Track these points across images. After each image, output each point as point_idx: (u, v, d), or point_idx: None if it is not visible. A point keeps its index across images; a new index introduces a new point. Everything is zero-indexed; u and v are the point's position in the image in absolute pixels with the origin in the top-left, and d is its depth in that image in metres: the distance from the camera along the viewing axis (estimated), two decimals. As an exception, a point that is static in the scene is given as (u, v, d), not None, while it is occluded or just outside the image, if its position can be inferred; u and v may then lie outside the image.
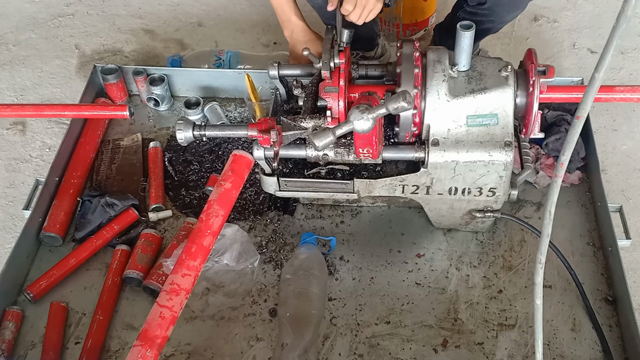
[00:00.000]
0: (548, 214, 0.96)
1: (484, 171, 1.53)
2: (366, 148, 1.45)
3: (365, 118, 1.28)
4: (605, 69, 0.80)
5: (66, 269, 1.69)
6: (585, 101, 0.83)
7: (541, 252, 1.01)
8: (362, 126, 1.29)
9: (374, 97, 1.36)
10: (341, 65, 1.51)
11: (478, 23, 1.87)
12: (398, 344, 1.57)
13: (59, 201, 1.80)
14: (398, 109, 1.26)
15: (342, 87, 1.49)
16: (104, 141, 2.02)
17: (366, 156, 1.50)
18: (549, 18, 2.45)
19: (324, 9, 1.85)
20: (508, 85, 1.50)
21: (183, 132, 1.52)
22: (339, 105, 1.48)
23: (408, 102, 1.25)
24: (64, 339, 1.59)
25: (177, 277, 1.41)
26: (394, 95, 1.27)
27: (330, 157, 1.56)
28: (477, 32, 1.93)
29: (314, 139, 1.32)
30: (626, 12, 0.72)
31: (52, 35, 2.48)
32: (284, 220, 1.81)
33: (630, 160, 1.96)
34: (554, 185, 0.94)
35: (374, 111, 1.28)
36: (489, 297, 1.64)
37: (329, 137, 1.32)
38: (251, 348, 1.56)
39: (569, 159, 1.83)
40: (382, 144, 1.52)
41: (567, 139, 0.89)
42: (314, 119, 1.54)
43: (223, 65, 2.18)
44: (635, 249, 1.73)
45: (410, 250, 1.74)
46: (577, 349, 1.54)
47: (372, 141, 1.42)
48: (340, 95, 1.49)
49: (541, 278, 1.05)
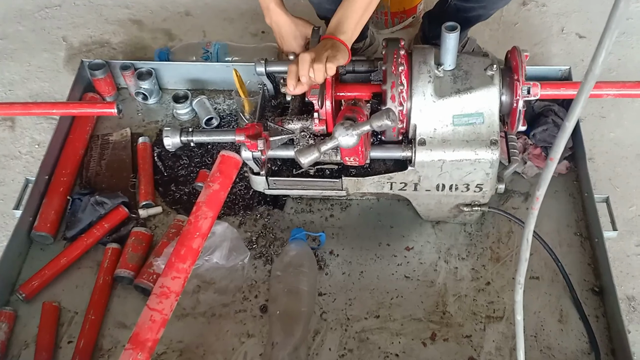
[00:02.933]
0: (525, 241, 0.97)
1: (471, 169, 1.53)
2: (352, 157, 1.47)
3: (350, 134, 1.30)
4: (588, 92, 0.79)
5: (57, 268, 1.70)
6: (560, 141, 0.83)
7: (520, 273, 1.02)
8: (347, 142, 1.31)
9: (359, 107, 1.37)
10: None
11: (469, 10, 1.87)
12: (387, 338, 1.59)
13: (49, 200, 1.81)
14: (382, 127, 1.28)
15: (329, 89, 1.49)
16: (93, 136, 2.02)
17: (353, 163, 1.52)
18: (538, 2, 2.44)
19: (322, 3, 1.84)
20: (493, 84, 1.50)
21: (170, 138, 1.53)
22: (326, 107, 1.48)
23: (392, 120, 1.27)
24: (57, 339, 1.60)
25: (166, 279, 1.42)
26: (379, 112, 1.29)
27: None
28: (468, 19, 1.93)
29: (299, 156, 1.34)
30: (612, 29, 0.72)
31: (39, 27, 2.46)
32: (274, 215, 1.82)
33: (618, 148, 1.96)
34: (529, 220, 0.95)
35: (358, 127, 1.29)
36: (477, 290, 1.66)
37: (314, 154, 1.33)
38: (242, 344, 1.58)
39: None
40: (368, 148, 1.53)
41: (542, 177, 0.90)
42: (301, 120, 1.54)
43: (211, 58, 2.17)
44: (622, 239, 1.75)
45: (400, 243, 1.76)
46: (564, 340, 1.57)
47: (358, 151, 1.43)
48: (327, 96, 1.49)
49: (521, 297, 1.07)
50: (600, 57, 0.74)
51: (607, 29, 0.72)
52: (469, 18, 1.92)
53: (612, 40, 0.72)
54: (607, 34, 0.72)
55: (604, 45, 0.73)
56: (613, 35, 0.72)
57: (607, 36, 0.72)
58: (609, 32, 0.72)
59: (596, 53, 0.74)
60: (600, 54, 0.74)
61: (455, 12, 1.87)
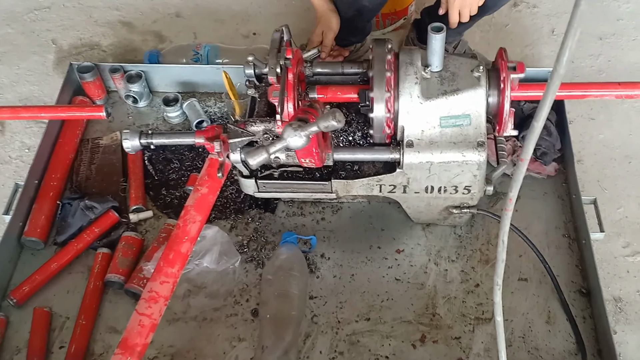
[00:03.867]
0: (501, 242, 0.98)
1: (459, 171, 1.54)
2: (308, 158, 1.46)
3: (299, 135, 1.28)
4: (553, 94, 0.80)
5: (48, 273, 1.70)
6: (529, 142, 0.84)
7: (498, 274, 1.03)
8: (295, 143, 1.29)
9: (313, 109, 1.36)
10: (288, 69, 1.50)
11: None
12: (378, 340, 1.60)
13: (39, 204, 1.81)
14: (328, 127, 1.26)
15: (290, 91, 1.49)
16: (83, 140, 2.01)
17: (309, 164, 1.51)
18: (529, 3, 2.45)
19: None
20: (480, 85, 1.50)
21: (130, 141, 1.54)
22: (288, 109, 1.49)
23: (338, 120, 1.26)
24: (49, 344, 1.61)
25: (155, 284, 1.43)
26: (325, 113, 1.27)
27: (282, 160, 1.57)
28: (488, 4, 1.90)
29: (247, 157, 1.34)
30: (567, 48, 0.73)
31: (28, 30, 2.45)
32: (265, 219, 1.83)
33: (607, 150, 1.98)
34: (504, 221, 0.95)
35: (306, 129, 1.28)
36: (467, 292, 1.67)
37: (263, 156, 1.33)
38: (233, 348, 1.59)
39: (545, 152, 1.86)
40: (327, 150, 1.52)
41: (513, 178, 0.91)
42: (264, 122, 1.54)
43: (201, 60, 2.17)
44: (609, 240, 1.76)
45: (390, 246, 1.77)
46: (551, 342, 1.58)
47: (312, 152, 1.43)
48: (290, 99, 1.49)
49: (499, 298, 1.08)
50: (564, 56, 0.75)
51: (570, 27, 0.73)
52: (486, 3, 1.89)
53: (575, 39, 0.73)
54: (570, 32, 0.73)
55: (567, 45, 0.74)
56: (576, 34, 0.73)
57: (570, 36, 0.73)
58: (571, 30, 0.73)
59: (560, 53, 0.75)
60: (564, 53, 0.75)
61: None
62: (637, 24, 2.35)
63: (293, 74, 1.50)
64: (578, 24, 0.73)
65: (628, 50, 2.27)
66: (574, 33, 0.73)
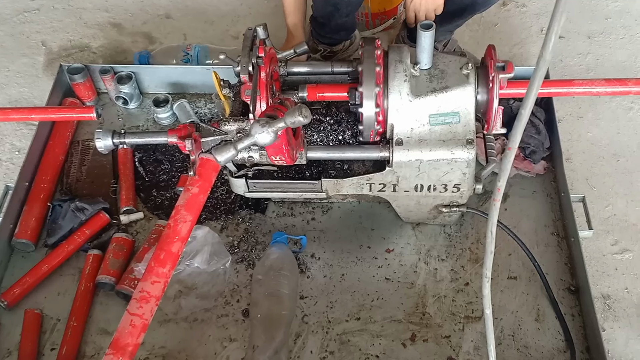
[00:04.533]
0: (490, 234, 0.99)
1: (448, 169, 1.55)
2: (278, 155, 1.46)
3: (267, 132, 1.28)
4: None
5: (39, 275, 1.70)
6: (516, 130, 0.85)
7: (486, 267, 1.04)
8: (263, 140, 1.29)
9: (283, 106, 1.36)
10: (260, 68, 1.50)
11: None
12: (368, 339, 1.60)
13: (30, 207, 1.81)
14: (295, 123, 1.26)
15: (263, 90, 1.50)
16: (74, 142, 2.01)
17: (280, 162, 1.50)
18: (518, 2, 2.46)
19: None
20: (469, 83, 1.51)
21: (102, 140, 1.54)
22: (260, 108, 1.49)
23: (304, 116, 1.25)
24: (40, 346, 1.61)
25: (146, 284, 1.42)
26: (292, 109, 1.27)
27: (256, 159, 1.58)
28: (464, 8, 1.92)
29: (215, 154, 1.35)
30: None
31: (17, 31, 2.45)
32: (256, 219, 1.83)
33: (595, 148, 1.99)
34: (492, 212, 0.96)
35: (274, 125, 1.28)
36: (456, 290, 1.68)
37: (231, 152, 1.34)
38: (225, 349, 1.59)
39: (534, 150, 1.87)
40: (299, 148, 1.53)
41: (502, 167, 0.91)
42: (237, 121, 1.54)
43: (191, 61, 2.17)
44: (598, 238, 1.77)
45: (380, 245, 1.77)
46: (540, 339, 1.59)
47: (282, 150, 1.42)
48: (263, 97, 1.50)
49: (488, 291, 1.09)
50: (547, 51, 0.76)
51: (554, 17, 0.74)
52: (464, 6, 1.92)
53: (562, 22, 0.74)
54: (554, 21, 0.74)
55: (551, 38, 0.75)
56: (562, 18, 0.74)
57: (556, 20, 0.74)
58: (555, 19, 0.74)
59: (544, 45, 0.76)
60: (547, 47, 0.76)
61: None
62: (625, 22, 2.36)
63: (265, 72, 1.50)
64: (564, 8, 0.73)
65: (616, 49, 2.28)
66: (559, 18, 0.74)
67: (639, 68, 2.22)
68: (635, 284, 1.70)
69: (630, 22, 2.36)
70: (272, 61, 1.58)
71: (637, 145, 1.99)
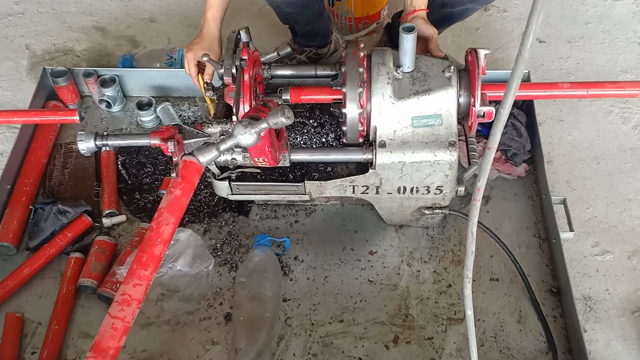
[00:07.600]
0: (470, 234, 0.99)
1: (430, 171, 1.56)
2: (261, 157, 1.46)
3: (249, 132, 1.28)
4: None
5: (20, 278, 1.69)
6: (496, 129, 0.86)
7: (467, 267, 1.05)
8: (246, 140, 1.29)
9: (266, 108, 1.37)
10: (244, 70, 1.51)
11: (456, 4, 1.88)
12: (351, 342, 1.61)
13: (12, 209, 1.80)
14: (278, 124, 1.26)
15: (246, 92, 1.50)
16: (57, 145, 2.01)
17: (263, 164, 1.51)
18: (499, 7, 2.48)
19: (281, 6, 1.85)
20: (451, 86, 1.53)
21: (85, 142, 1.54)
22: (244, 110, 1.49)
23: (287, 117, 1.26)
24: (20, 350, 1.59)
25: (128, 287, 1.41)
26: (274, 110, 1.27)
27: (239, 162, 1.58)
28: (451, 15, 1.93)
29: (197, 155, 1.35)
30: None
31: (1, 35, 2.43)
32: (239, 222, 1.83)
33: (576, 151, 2.01)
34: (472, 212, 0.97)
35: (257, 125, 1.28)
36: (439, 292, 1.69)
37: (213, 153, 1.34)
38: (207, 352, 1.59)
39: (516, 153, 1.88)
40: (283, 150, 1.53)
41: (481, 166, 0.92)
42: (221, 123, 1.55)
43: (175, 64, 2.17)
44: (579, 240, 1.79)
45: (363, 247, 1.78)
46: (522, 341, 1.60)
47: (265, 151, 1.43)
48: (246, 99, 1.50)
49: (469, 291, 1.10)
50: (528, 40, 0.77)
51: (531, 16, 0.75)
52: (452, 14, 1.92)
53: (539, 20, 0.75)
54: (532, 19, 0.75)
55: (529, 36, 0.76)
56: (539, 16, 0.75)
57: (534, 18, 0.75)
58: (533, 17, 0.75)
59: (524, 36, 0.77)
60: (528, 37, 0.77)
61: (440, 7, 1.86)
62: (604, 27, 2.39)
63: (249, 75, 1.50)
64: (542, 6, 0.74)
65: (596, 53, 2.31)
66: (537, 16, 0.75)
67: (618, 72, 2.25)
68: (616, 285, 1.72)
69: (609, 27, 2.39)
70: (255, 64, 1.59)
71: (617, 148, 2.02)
